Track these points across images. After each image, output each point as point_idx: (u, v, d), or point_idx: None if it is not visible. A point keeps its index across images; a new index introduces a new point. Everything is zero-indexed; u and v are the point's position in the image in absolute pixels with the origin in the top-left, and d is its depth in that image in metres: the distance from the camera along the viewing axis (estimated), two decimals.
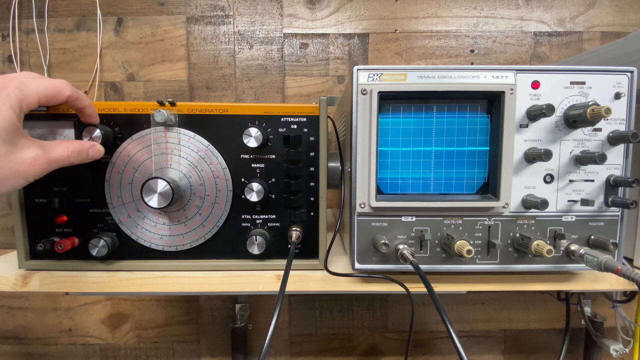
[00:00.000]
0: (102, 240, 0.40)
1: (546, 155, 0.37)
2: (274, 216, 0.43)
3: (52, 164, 0.33)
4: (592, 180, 0.40)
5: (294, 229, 0.42)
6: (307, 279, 0.43)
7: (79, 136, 0.40)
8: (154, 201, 0.38)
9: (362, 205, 0.39)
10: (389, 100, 0.39)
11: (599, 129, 0.39)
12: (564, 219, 0.40)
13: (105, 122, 0.40)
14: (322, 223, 0.43)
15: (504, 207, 0.38)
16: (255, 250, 0.41)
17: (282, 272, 0.36)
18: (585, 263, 0.37)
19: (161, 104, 0.40)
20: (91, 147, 0.36)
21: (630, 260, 0.47)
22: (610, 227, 0.40)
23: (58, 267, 0.43)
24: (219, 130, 0.41)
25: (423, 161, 0.40)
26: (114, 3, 0.77)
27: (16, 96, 0.30)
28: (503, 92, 0.37)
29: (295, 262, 0.42)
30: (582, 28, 0.78)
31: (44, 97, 0.33)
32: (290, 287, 0.41)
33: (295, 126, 0.41)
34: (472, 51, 0.79)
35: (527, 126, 0.39)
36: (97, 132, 0.38)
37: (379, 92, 0.37)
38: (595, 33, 0.78)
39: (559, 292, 0.75)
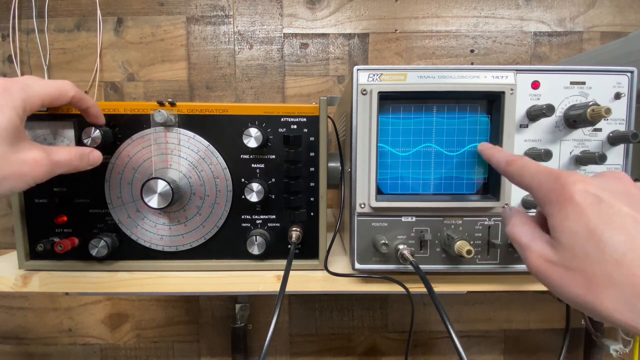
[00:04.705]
0: (102, 241, 0.40)
1: (546, 156, 0.37)
2: (274, 216, 0.43)
3: (55, 167, 0.32)
4: None
5: (294, 229, 0.42)
6: (307, 279, 0.43)
7: (79, 136, 0.40)
8: (153, 201, 0.38)
9: (362, 206, 0.39)
10: (389, 100, 0.39)
11: (599, 129, 0.39)
12: None
13: (105, 122, 0.40)
14: (322, 223, 0.43)
15: (504, 207, 0.38)
16: (255, 250, 0.41)
17: (282, 272, 0.36)
18: None
19: (161, 104, 0.40)
20: (91, 152, 0.36)
21: None
22: None
23: (58, 268, 0.43)
24: (219, 130, 0.41)
25: (423, 161, 0.40)
26: (114, 3, 0.77)
27: (20, 97, 0.30)
28: (503, 92, 0.37)
29: (295, 262, 0.42)
30: (582, 28, 0.78)
31: (47, 98, 0.32)
32: (290, 287, 0.41)
33: (295, 126, 0.41)
34: (472, 51, 0.79)
35: (527, 126, 0.39)
36: (97, 133, 0.38)
37: (379, 92, 0.37)
38: (595, 33, 0.78)
39: None
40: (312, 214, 0.43)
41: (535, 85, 0.38)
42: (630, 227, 0.21)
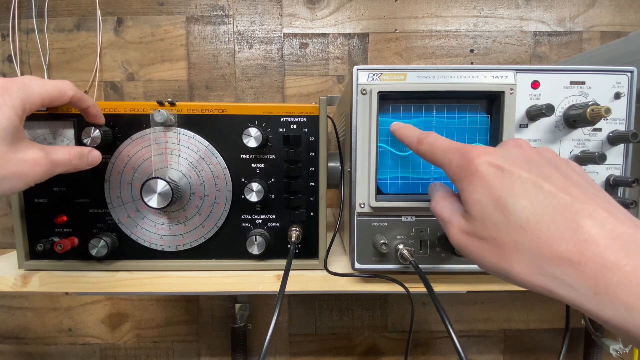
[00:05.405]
0: (102, 241, 0.40)
1: None
2: (274, 216, 0.43)
3: (54, 167, 0.32)
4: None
5: (294, 229, 0.42)
6: (307, 279, 0.43)
7: (79, 136, 0.40)
8: (153, 201, 0.38)
9: (362, 206, 0.39)
10: (389, 100, 0.39)
11: (599, 129, 0.39)
12: None
13: (105, 122, 0.40)
14: (322, 223, 0.43)
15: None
16: (255, 250, 0.41)
17: (282, 272, 0.36)
18: None
19: (161, 104, 0.40)
20: (90, 152, 0.36)
21: None
22: None
23: (58, 268, 0.43)
24: (219, 130, 0.41)
25: (423, 161, 0.40)
26: (114, 3, 0.77)
27: (19, 97, 0.30)
28: (503, 92, 0.37)
29: (295, 262, 0.42)
30: (582, 28, 0.78)
31: (47, 98, 0.32)
32: (290, 287, 0.41)
33: (295, 126, 0.41)
34: (472, 51, 0.79)
35: (527, 126, 0.39)
36: (97, 133, 0.38)
37: (379, 92, 0.37)
38: (595, 33, 0.78)
39: None
40: (312, 214, 0.43)
41: (535, 85, 0.38)
42: (531, 192, 0.22)
